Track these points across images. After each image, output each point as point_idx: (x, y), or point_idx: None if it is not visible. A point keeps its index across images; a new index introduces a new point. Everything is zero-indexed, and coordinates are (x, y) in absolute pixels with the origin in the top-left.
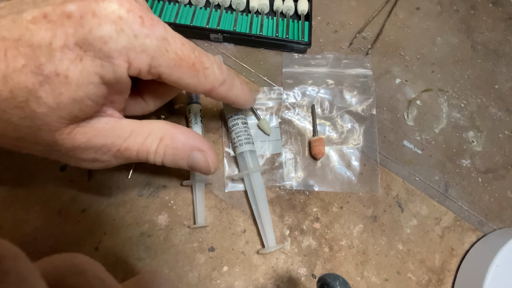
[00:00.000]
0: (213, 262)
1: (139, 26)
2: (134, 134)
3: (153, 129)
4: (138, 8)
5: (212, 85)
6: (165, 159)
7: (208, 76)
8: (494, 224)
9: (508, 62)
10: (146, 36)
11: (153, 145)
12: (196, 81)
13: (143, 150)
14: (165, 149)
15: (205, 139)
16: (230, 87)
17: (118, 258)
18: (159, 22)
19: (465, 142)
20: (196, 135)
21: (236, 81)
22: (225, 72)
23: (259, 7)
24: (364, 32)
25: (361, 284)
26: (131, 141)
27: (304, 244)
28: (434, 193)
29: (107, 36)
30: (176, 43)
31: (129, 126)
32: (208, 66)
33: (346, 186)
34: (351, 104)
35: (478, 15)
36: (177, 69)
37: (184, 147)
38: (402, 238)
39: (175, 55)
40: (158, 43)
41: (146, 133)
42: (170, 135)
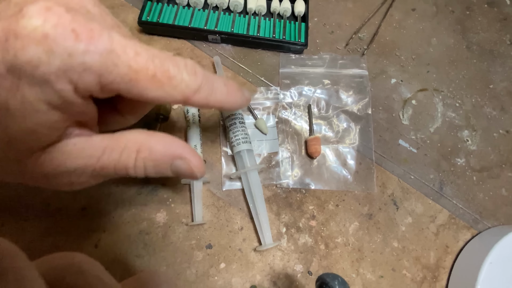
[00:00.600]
0: (211, 259)
1: (73, 41)
2: (107, 150)
3: (128, 142)
4: (70, 20)
5: (184, 95)
6: (147, 172)
7: (176, 86)
8: (489, 222)
9: (503, 62)
10: (83, 52)
11: (130, 159)
12: (162, 93)
13: (121, 166)
14: (144, 162)
15: (185, 143)
16: (209, 93)
17: (117, 255)
18: (102, 32)
19: (460, 141)
20: (175, 141)
21: (218, 83)
22: (200, 77)
23: (256, 8)
24: (360, 33)
25: (356, 280)
26: (106, 159)
27: (300, 242)
28: (429, 191)
29: (35, 59)
30: (128, 54)
31: (101, 142)
32: (174, 75)
33: (342, 184)
34: (347, 103)
35: (474, 16)
36: (135, 83)
37: (164, 158)
38: (397, 236)
39: (128, 69)
40: (102, 58)
41: (120, 148)
42: (146, 146)
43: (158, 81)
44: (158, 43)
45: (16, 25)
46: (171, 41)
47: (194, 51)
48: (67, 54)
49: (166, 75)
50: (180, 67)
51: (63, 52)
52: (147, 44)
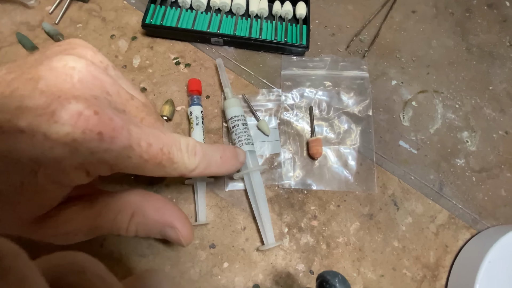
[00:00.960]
0: (214, 259)
1: (97, 143)
2: (104, 211)
3: (124, 206)
4: (96, 124)
5: (181, 174)
6: (138, 234)
7: (176, 169)
8: (488, 222)
9: (502, 63)
10: (104, 151)
11: (124, 222)
12: (162, 174)
13: (114, 228)
14: (137, 226)
15: (179, 210)
16: (204, 168)
17: (122, 255)
18: (123, 129)
19: (460, 142)
20: (169, 207)
21: (214, 157)
22: (198, 157)
23: (258, 11)
24: (361, 35)
25: (357, 280)
26: (102, 220)
27: (302, 241)
28: (429, 191)
29: (60, 157)
30: (142, 147)
31: (99, 203)
32: (176, 160)
33: (343, 185)
34: (348, 105)
35: (473, 18)
36: (142, 169)
37: (156, 224)
38: (398, 236)
39: (139, 159)
40: (119, 154)
41: (117, 210)
42: (141, 211)
43: (162, 166)
44: (161, 46)
45: (47, 128)
46: (174, 43)
47: (196, 53)
48: (89, 153)
49: (170, 161)
50: (183, 151)
51: (86, 152)
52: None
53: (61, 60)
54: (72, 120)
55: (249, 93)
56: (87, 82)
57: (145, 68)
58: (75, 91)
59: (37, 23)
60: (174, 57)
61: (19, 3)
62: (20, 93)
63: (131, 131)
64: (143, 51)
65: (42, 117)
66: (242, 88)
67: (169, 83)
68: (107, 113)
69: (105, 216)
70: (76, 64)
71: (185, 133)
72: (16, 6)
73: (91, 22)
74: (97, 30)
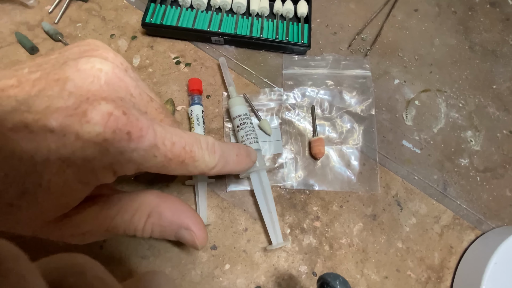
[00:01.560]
0: (216, 260)
1: (126, 143)
2: (121, 211)
3: (140, 206)
4: (125, 123)
5: (202, 172)
6: (153, 235)
7: (198, 166)
8: (493, 222)
9: (505, 62)
10: (132, 150)
11: (140, 223)
12: (184, 172)
13: (131, 228)
14: (152, 227)
15: (195, 213)
16: (223, 166)
17: (123, 256)
18: (149, 129)
19: (464, 141)
20: (185, 210)
21: (231, 156)
22: (218, 155)
23: (259, 10)
24: (363, 33)
25: (361, 281)
26: (119, 220)
27: (304, 243)
28: (433, 192)
29: (90, 157)
30: (166, 146)
31: (118, 203)
32: (198, 158)
33: (345, 185)
34: (351, 104)
35: (476, 16)
36: (166, 168)
37: (171, 226)
38: (402, 237)
39: (164, 158)
40: (146, 153)
41: (133, 210)
42: (157, 212)
43: (185, 164)
44: (162, 45)
45: (79, 127)
46: (175, 42)
47: (197, 52)
48: (119, 152)
49: (192, 159)
50: (203, 149)
51: (116, 152)
52: (150, 46)
53: (88, 62)
54: (103, 120)
55: (250, 93)
56: (113, 84)
57: (145, 67)
58: (102, 92)
59: (37, 23)
60: (174, 57)
61: (19, 3)
62: (48, 94)
63: (156, 130)
64: (143, 50)
65: (73, 117)
66: (243, 87)
67: (170, 82)
68: (134, 113)
69: (122, 216)
70: (103, 66)
71: None
72: (15, 5)
73: (91, 22)
74: (97, 29)
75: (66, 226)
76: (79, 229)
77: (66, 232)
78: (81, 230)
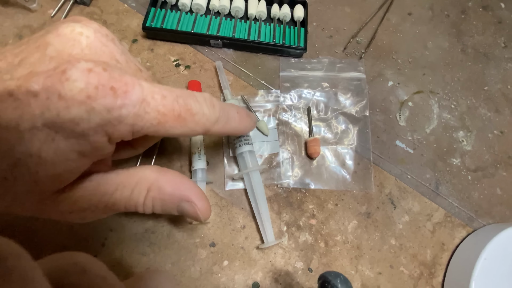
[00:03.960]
0: (214, 257)
1: (112, 99)
2: (120, 187)
3: (140, 180)
4: (108, 79)
5: (205, 128)
6: (155, 210)
7: (199, 121)
8: (484, 220)
9: (497, 64)
10: (121, 107)
11: (140, 197)
12: (187, 129)
13: (131, 203)
14: (153, 201)
15: (196, 185)
16: (226, 122)
17: (124, 253)
18: (134, 84)
19: (455, 141)
20: (185, 182)
21: (232, 112)
22: (217, 108)
23: (257, 14)
24: (358, 37)
25: (355, 277)
26: (118, 195)
27: (301, 240)
28: (426, 190)
29: (77, 118)
30: (157, 100)
31: (116, 178)
32: (196, 111)
33: (341, 184)
34: (345, 106)
35: (469, 20)
36: (162, 125)
37: (172, 199)
38: (395, 234)
39: (157, 113)
40: (136, 109)
41: (133, 185)
42: (157, 185)
43: (183, 119)
44: (162, 48)
45: (61, 86)
46: (174, 46)
47: (196, 55)
48: (106, 110)
49: (190, 112)
50: (201, 102)
51: (103, 110)
52: (150, 49)
53: (68, 26)
54: (83, 77)
55: (248, 94)
56: (96, 48)
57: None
58: (84, 56)
59: (39, 27)
60: (174, 59)
61: (22, 7)
62: (30, 61)
63: (143, 85)
64: (144, 53)
65: (53, 77)
66: (241, 89)
67: (169, 84)
68: (116, 71)
69: (122, 192)
70: (83, 30)
71: None
72: (18, 9)
73: None
74: None
75: (64, 203)
76: (77, 206)
77: (64, 208)
78: (79, 207)
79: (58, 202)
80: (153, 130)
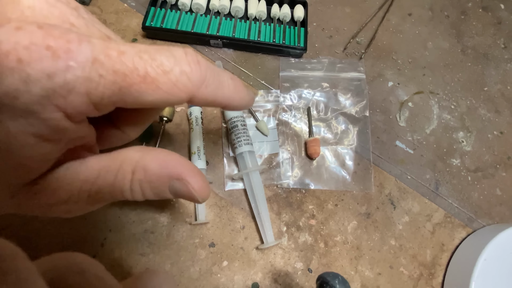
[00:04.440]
0: (214, 257)
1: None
2: (103, 172)
3: (123, 163)
4: (43, 36)
5: (188, 91)
6: (146, 195)
7: (177, 82)
8: (483, 220)
9: (497, 65)
10: (64, 70)
11: (126, 182)
12: (162, 94)
13: (116, 190)
14: (141, 185)
15: (187, 161)
16: (217, 86)
17: (123, 253)
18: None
19: (455, 142)
20: (173, 158)
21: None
22: (204, 66)
23: (257, 14)
24: (358, 37)
25: (355, 278)
26: (101, 182)
27: (300, 240)
28: (425, 191)
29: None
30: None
31: (97, 164)
32: (169, 68)
33: (340, 184)
34: (345, 106)
35: (468, 20)
36: (127, 90)
37: (161, 180)
38: (395, 234)
39: (115, 75)
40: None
41: (115, 169)
42: (142, 166)
43: (152, 80)
44: None
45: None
46: (174, 45)
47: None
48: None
49: (161, 70)
50: (177, 58)
51: (41, 76)
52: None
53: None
54: (9, 36)
55: None
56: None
57: None
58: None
59: None
60: None
61: None
62: None
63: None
64: None
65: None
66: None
67: None
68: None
69: (104, 178)
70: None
71: (185, 134)
72: None
73: None
74: None
75: (40, 196)
76: (55, 198)
77: (42, 201)
78: (58, 199)
79: (33, 195)
80: (118, 99)
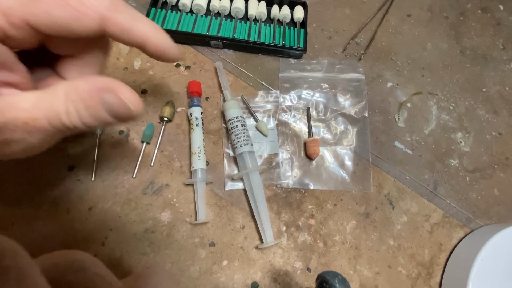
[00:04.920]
0: (214, 257)
1: None
2: (38, 101)
3: (55, 89)
4: None
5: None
6: (82, 118)
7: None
8: (481, 220)
9: (495, 66)
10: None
11: (60, 105)
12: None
13: (52, 114)
14: (75, 105)
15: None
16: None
17: (124, 253)
18: None
19: (454, 142)
20: (103, 77)
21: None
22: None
23: (257, 15)
24: (357, 38)
25: (354, 277)
26: (37, 110)
27: (299, 240)
28: (424, 191)
29: None
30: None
31: (32, 95)
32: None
33: (339, 184)
34: (345, 107)
35: (467, 21)
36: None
37: (91, 94)
38: (393, 234)
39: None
40: None
41: (49, 96)
42: (73, 87)
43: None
44: None
45: None
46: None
47: (197, 56)
48: None
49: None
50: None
51: None
52: None
53: None
54: None
55: (247, 95)
56: None
57: (146, 70)
58: None
59: None
60: None
61: None
62: None
63: None
64: (144, 53)
65: None
66: (241, 89)
67: (170, 85)
68: None
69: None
70: None
71: (185, 134)
72: None
73: None
74: None
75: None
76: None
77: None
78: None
79: None
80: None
